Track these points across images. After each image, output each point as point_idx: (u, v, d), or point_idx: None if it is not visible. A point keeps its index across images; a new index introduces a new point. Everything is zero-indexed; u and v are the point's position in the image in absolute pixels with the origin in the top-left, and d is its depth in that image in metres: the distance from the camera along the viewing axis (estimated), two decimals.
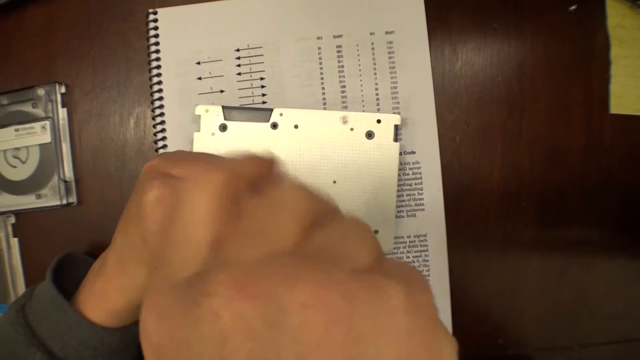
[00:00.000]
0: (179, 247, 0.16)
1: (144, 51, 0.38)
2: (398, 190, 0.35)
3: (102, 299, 0.26)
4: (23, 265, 0.38)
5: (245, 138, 0.35)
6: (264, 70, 0.37)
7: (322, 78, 0.37)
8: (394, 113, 0.36)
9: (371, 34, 0.37)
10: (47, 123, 0.37)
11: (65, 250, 0.33)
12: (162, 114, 0.37)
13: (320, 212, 0.16)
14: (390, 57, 0.37)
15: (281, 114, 0.35)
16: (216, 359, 0.12)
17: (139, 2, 0.38)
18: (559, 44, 0.37)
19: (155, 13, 0.38)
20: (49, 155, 0.37)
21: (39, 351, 0.25)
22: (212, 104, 0.36)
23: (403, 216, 0.37)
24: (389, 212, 0.35)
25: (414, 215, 0.37)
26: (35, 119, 0.37)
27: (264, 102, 0.37)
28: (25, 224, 0.39)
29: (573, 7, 0.37)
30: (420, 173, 0.37)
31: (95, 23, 0.38)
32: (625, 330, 0.38)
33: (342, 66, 0.37)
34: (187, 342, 0.13)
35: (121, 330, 0.27)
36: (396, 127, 0.34)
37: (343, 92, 0.37)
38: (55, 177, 0.37)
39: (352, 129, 0.34)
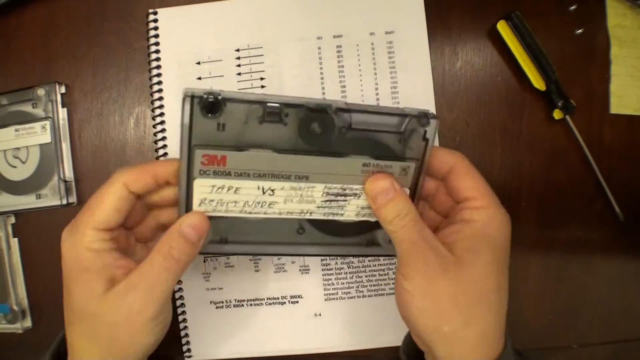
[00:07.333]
0: None
1: (144, 51, 0.38)
2: None
3: None
4: (23, 265, 0.39)
5: None
6: (264, 71, 0.37)
7: (322, 78, 0.37)
8: None
9: (371, 34, 0.37)
10: (47, 123, 0.37)
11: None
12: (162, 114, 0.37)
13: None
14: (390, 57, 0.37)
15: None
16: None
17: (139, 2, 0.38)
18: (559, 44, 0.37)
19: (155, 13, 0.38)
20: (49, 155, 0.37)
21: None
22: None
23: None
24: None
25: None
26: (35, 119, 0.37)
27: None
28: (25, 224, 0.39)
29: (573, 7, 0.37)
30: None
31: (95, 23, 0.38)
32: (625, 330, 0.38)
33: (342, 66, 0.37)
34: None
35: None
36: None
37: (343, 92, 0.37)
38: (55, 177, 0.37)
39: None
